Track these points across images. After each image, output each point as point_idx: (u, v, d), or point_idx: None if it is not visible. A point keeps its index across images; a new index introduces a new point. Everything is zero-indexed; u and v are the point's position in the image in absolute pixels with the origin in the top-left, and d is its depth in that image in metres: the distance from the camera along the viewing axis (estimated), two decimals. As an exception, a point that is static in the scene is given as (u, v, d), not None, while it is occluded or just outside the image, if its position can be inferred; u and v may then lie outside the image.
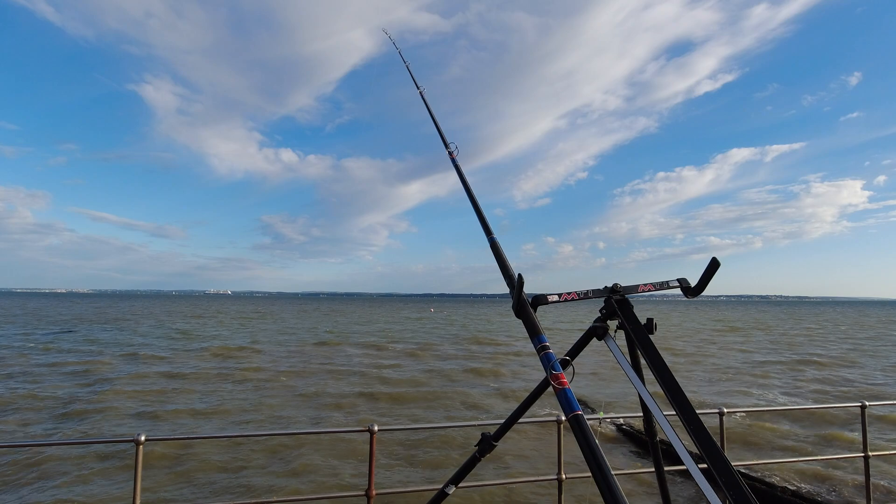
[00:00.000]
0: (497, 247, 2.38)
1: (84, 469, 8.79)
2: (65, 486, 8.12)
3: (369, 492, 3.59)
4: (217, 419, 12.56)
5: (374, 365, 22.15)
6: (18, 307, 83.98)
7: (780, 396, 16.36)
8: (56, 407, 13.36)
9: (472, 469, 2.52)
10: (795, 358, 25.80)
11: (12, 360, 21.56)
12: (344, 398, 15.13)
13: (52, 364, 20.62)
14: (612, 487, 1.26)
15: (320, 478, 8.63)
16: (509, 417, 2.43)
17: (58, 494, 7.79)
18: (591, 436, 1.36)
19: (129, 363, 21.51)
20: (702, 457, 1.47)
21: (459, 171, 2.96)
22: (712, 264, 1.88)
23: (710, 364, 23.52)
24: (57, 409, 13.11)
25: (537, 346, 1.65)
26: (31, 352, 24.43)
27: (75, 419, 12.23)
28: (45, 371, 18.90)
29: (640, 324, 1.88)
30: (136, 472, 3.24)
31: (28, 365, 20.22)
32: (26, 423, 11.80)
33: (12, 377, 17.50)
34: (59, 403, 13.76)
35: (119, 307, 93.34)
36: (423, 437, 10.80)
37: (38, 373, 18.46)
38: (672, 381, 1.63)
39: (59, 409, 13.11)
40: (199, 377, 18.41)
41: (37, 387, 15.81)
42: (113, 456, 9.38)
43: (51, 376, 17.87)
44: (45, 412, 12.85)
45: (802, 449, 10.66)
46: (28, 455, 9.32)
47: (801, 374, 20.81)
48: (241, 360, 22.90)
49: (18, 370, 18.90)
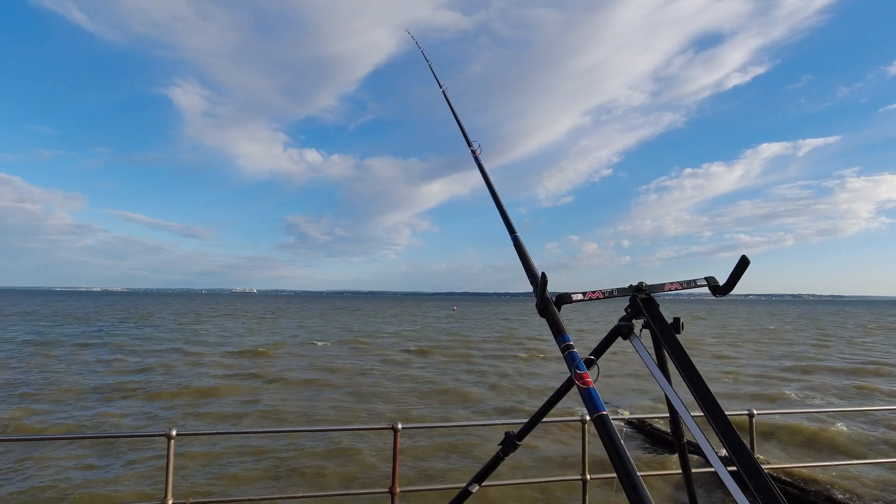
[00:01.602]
0: (520, 245, 2.37)
1: (117, 461, 9.09)
2: (97, 478, 8.40)
3: (393, 489, 3.62)
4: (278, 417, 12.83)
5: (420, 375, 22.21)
6: (91, 306, 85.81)
7: (816, 399, 15.87)
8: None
9: (495, 468, 2.52)
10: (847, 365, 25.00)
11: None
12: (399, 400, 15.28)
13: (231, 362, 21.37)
14: (637, 489, 1.24)
15: (346, 474, 8.74)
16: (533, 417, 2.42)
17: (90, 487, 8.06)
18: (617, 436, 1.34)
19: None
20: (731, 459, 1.44)
21: (482, 170, 2.96)
22: (742, 262, 1.84)
23: (737, 365, 22.97)
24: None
25: (561, 345, 1.64)
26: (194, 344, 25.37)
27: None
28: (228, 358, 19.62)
29: (666, 323, 1.85)
30: (167, 465, 3.34)
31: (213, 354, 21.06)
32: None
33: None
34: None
35: (176, 305, 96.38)
36: (448, 435, 10.83)
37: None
38: (700, 382, 1.60)
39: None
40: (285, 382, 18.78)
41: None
42: (145, 448, 9.65)
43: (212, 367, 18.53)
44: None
45: (840, 452, 10.33)
46: (64, 447, 9.67)
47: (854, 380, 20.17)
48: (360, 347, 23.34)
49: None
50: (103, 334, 33.28)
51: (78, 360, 21.20)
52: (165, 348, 26.29)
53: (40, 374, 17.76)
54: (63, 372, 18.29)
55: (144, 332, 35.63)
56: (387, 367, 21.07)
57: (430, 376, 19.05)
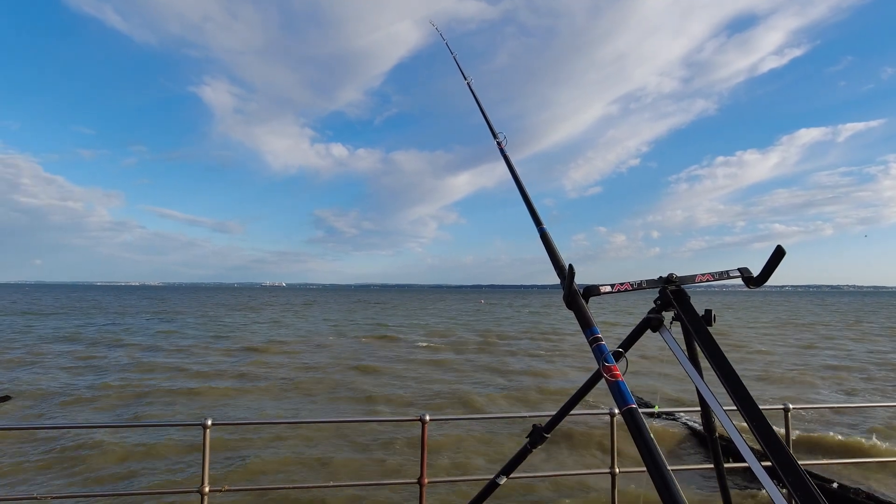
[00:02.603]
0: (547, 237, 2.34)
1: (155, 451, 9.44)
2: (136, 469, 8.74)
3: (421, 480, 3.66)
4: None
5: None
6: (153, 301, 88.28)
7: (858, 394, 15.34)
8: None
9: (523, 460, 2.53)
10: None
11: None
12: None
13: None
14: (668, 483, 1.22)
15: (374, 465, 8.87)
16: (561, 409, 2.42)
17: (131, 477, 8.39)
18: (647, 430, 1.33)
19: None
20: (765, 454, 1.41)
21: (508, 162, 2.94)
22: (777, 252, 1.79)
23: (772, 360, 22.36)
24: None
25: (589, 337, 1.62)
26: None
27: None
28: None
29: (697, 315, 1.82)
30: (203, 454, 3.44)
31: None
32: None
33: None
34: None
35: (217, 298, 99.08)
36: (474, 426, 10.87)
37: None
38: (733, 375, 1.57)
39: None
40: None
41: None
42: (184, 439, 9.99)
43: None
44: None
45: (882, 449, 9.97)
46: (101, 434, 10.08)
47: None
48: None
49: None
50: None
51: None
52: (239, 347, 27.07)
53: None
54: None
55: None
56: (406, 362, 21.27)
57: (449, 375, 19.13)
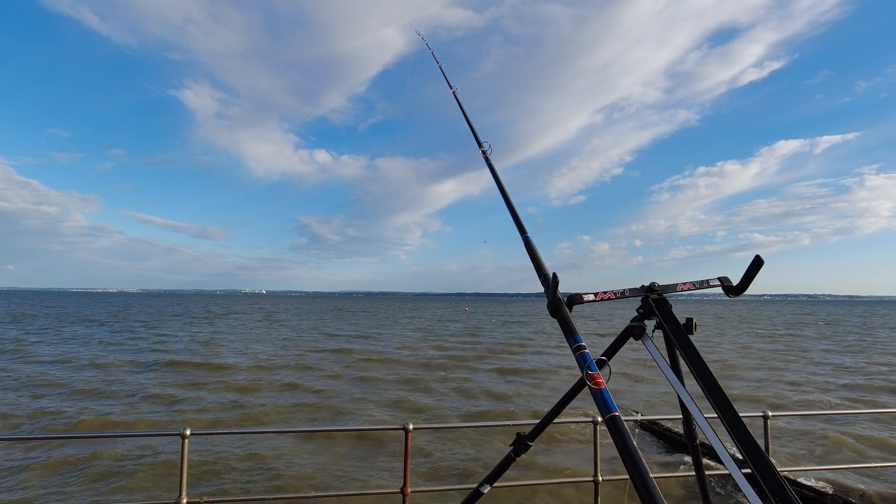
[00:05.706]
0: (531, 246, 2.36)
1: (131, 461, 9.20)
2: (112, 477, 8.51)
3: (405, 489, 3.63)
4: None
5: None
6: (152, 307, 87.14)
7: (835, 400, 15.64)
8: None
9: (507, 469, 2.52)
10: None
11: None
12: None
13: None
14: (650, 490, 1.23)
15: (355, 475, 8.77)
16: (544, 418, 2.42)
17: (108, 486, 8.17)
18: (629, 438, 1.34)
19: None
20: (745, 461, 1.43)
21: (493, 171, 2.96)
22: (756, 262, 1.83)
23: (755, 366, 22.71)
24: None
25: (573, 345, 1.63)
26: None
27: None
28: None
29: (679, 323, 1.84)
30: (182, 464, 3.37)
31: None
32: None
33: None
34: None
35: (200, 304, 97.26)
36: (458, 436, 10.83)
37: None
38: (713, 383, 1.59)
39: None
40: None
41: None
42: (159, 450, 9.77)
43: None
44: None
45: (859, 455, 10.16)
46: (79, 444, 9.81)
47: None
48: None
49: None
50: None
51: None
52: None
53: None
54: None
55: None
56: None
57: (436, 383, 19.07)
